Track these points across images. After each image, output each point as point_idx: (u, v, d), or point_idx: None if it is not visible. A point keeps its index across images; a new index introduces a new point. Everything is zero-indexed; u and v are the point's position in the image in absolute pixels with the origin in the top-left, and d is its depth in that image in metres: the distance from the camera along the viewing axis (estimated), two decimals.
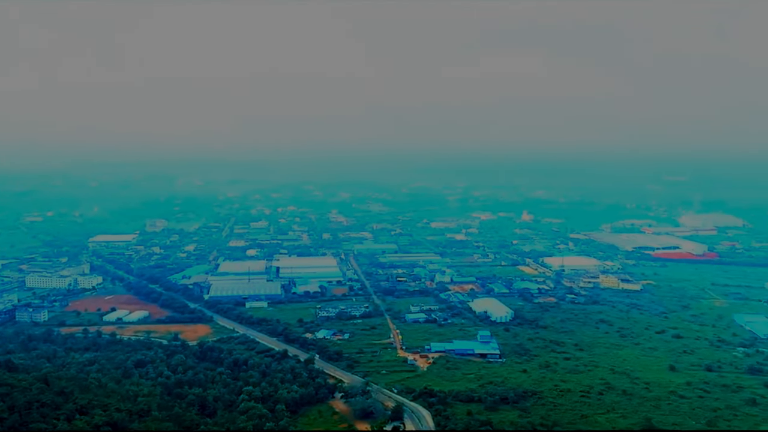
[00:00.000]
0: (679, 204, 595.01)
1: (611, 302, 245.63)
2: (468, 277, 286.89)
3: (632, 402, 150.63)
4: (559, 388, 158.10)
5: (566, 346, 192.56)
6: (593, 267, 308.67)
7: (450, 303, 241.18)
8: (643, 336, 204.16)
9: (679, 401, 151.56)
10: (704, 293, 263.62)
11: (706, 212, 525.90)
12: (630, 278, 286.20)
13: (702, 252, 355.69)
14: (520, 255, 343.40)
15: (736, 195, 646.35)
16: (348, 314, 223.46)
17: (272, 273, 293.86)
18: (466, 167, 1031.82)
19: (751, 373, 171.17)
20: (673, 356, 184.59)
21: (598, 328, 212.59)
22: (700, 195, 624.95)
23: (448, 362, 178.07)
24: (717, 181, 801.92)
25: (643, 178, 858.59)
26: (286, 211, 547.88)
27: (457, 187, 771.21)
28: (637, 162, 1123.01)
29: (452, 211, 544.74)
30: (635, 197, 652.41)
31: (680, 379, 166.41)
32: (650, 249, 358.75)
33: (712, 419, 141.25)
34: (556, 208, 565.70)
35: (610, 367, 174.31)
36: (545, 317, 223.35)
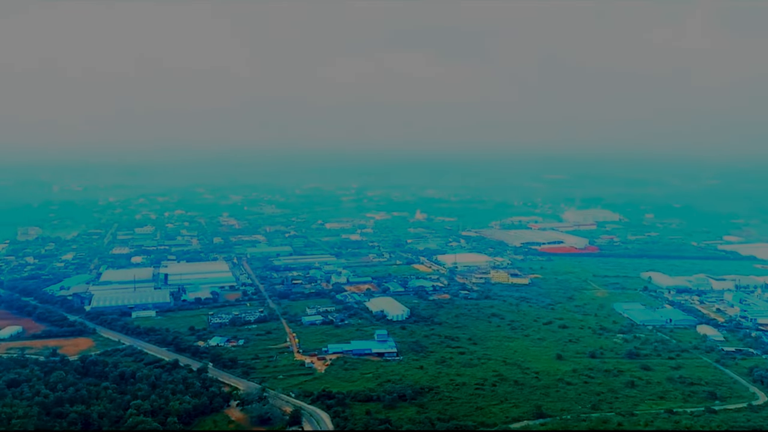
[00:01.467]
0: (562, 201, 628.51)
1: (502, 296, 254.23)
2: (364, 277, 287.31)
3: (524, 391, 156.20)
4: (455, 382, 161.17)
5: (461, 340, 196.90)
6: (484, 263, 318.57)
7: (347, 304, 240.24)
8: (532, 327, 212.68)
9: (567, 388, 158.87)
10: (587, 284, 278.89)
11: (587, 208, 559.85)
12: (519, 273, 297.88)
13: (584, 246, 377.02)
14: (414, 253, 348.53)
15: (612, 192, 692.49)
16: (242, 320, 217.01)
17: (160, 280, 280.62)
18: (359, 167, 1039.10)
19: (629, 357, 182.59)
20: (560, 345, 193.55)
21: (490, 321, 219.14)
22: (581, 192, 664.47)
23: (346, 363, 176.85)
24: (594, 179, 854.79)
25: (526, 177, 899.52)
26: (173, 215, 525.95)
27: (351, 187, 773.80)
28: (521, 162, 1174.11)
29: (347, 212, 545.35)
30: (521, 195, 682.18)
31: (567, 366, 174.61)
32: (537, 244, 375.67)
33: (597, 402, 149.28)
34: (448, 207, 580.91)
35: (503, 359, 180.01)
36: (440, 314, 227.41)
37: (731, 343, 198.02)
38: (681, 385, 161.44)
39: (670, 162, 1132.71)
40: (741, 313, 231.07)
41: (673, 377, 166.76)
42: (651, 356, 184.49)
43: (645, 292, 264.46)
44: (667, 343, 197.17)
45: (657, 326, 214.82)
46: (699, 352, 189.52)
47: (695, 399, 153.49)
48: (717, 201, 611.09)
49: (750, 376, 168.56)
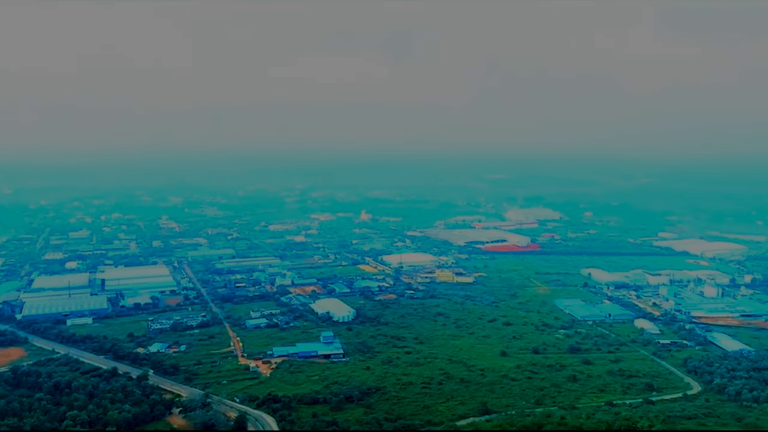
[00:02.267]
0: (504, 200, 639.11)
1: (447, 295, 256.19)
2: (309, 278, 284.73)
3: (469, 389, 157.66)
4: (402, 382, 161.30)
5: (407, 340, 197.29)
6: (430, 262, 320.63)
7: (292, 306, 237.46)
8: (477, 325, 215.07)
9: (511, 384, 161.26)
10: (529, 282, 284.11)
11: (529, 207, 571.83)
12: (463, 271, 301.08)
13: (526, 244, 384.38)
14: (360, 254, 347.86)
15: (553, 191, 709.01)
16: (184, 325, 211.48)
17: (97, 286, 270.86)
18: (303, 168, 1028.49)
19: (571, 352, 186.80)
20: (504, 342, 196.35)
21: (436, 320, 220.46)
22: (523, 191, 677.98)
23: (291, 366, 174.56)
24: (536, 179, 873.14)
25: (469, 177, 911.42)
26: (110, 218, 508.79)
27: (295, 188, 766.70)
28: (464, 162, 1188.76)
29: (291, 213, 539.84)
30: (465, 195, 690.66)
31: (511, 363, 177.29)
32: (481, 243, 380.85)
33: (540, 397, 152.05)
34: (393, 207, 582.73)
35: (448, 357, 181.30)
36: (386, 314, 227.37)
37: (667, 335, 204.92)
38: (620, 378, 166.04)
39: (608, 162, 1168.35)
40: (675, 307, 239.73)
41: (613, 370, 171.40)
42: (591, 350, 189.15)
43: (585, 288, 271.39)
44: (606, 337, 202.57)
45: (597, 321, 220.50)
46: (637, 345, 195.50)
47: (634, 391, 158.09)
48: (652, 199, 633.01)
49: (684, 367, 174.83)
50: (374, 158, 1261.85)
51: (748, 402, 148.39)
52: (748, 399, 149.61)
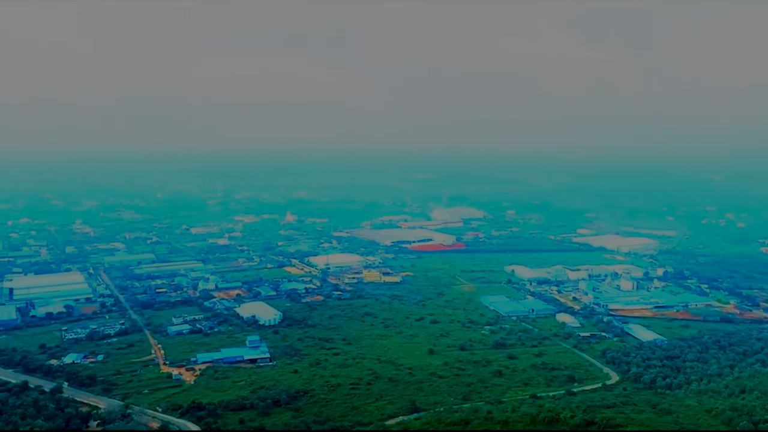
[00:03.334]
0: (430, 200, 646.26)
1: (375, 295, 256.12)
2: (234, 282, 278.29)
3: (398, 388, 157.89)
4: (330, 384, 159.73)
5: (335, 341, 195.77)
6: (357, 263, 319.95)
7: (216, 310, 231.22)
8: (405, 324, 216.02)
9: (439, 381, 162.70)
10: (455, 280, 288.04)
11: (453, 206, 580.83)
12: (390, 271, 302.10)
13: (451, 242, 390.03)
14: (286, 256, 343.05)
15: (476, 190, 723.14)
16: (101, 333, 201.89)
17: (4, 296, 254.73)
18: (226, 169, 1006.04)
19: (496, 348, 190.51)
20: (431, 340, 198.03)
21: (364, 321, 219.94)
22: (448, 191, 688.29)
23: (216, 372, 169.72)
24: (460, 178, 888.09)
25: (395, 177, 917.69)
26: (18, 224, 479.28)
27: (218, 190, 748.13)
28: (389, 162, 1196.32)
29: (214, 216, 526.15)
30: (391, 195, 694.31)
31: (439, 360, 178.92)
32: (407, 242, 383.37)
33: (468, 393, 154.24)
34: (319, 208, 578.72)
35: (377, 357, 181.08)
36: (314, 316, 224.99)
37: (586, 328, 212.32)
38: (543, 371, 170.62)
39: (530, 162, 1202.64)
40: (594, 301, 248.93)
41: (537, 364, 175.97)
42: (516, 345, 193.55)
43: (509, 285, 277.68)
44: (530, 332, 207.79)
45: (521, 317, 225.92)
46: (559, 338, 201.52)
47: (556, 383, 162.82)
48: (571, 197, 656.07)
49: (603, 358, 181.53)
50: (298, 158, 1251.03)
51: (662, 389, 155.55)
52: (662, 386, 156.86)
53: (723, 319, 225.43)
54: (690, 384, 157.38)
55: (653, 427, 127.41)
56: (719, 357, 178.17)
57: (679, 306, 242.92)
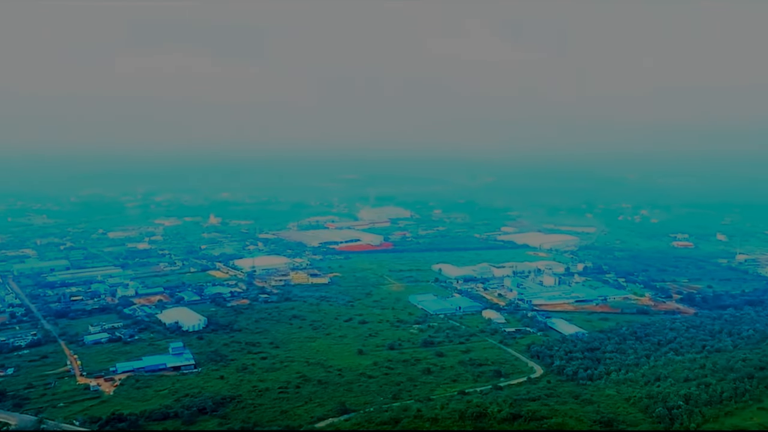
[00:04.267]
0: (357, 200, 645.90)
1: (302, 297, 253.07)
2: (155, 288, 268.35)
3: (328, 389, 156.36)
4: (258, 389, 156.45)
5: (262, 345, 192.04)
6: (284, 265, 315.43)
7: (136, 317, 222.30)
8: (334, 326, 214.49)
9: (369, 381, 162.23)
10: (383, 280, 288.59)
11: (380, 206, 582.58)
12: (318, 272, 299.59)
13: (379, 242, 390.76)
14: (209, 260, 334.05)
15: (403, 190, 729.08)
16: (10, 346, 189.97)
17: None
18: (145, 171, 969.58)
19: (425, 346, 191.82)
20: (360, 341, 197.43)
21: (291, 323, 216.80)
22: (375, 191, 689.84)
23: (138, 381, 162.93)
24: (387, 179, 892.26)
25: (321, 178, 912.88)
26: None
27: (137, 192, 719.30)
28: (315, 162, 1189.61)
29: (132, 219, 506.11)
30: (318, 195, 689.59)
31: (368, 360, 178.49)
32: (335, 243, 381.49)
33: (397, 392, 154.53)
34: (244, 210, 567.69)
35: (306, 360, 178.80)
36: (240, 320, 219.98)
37: (512, 324, 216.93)
38: (471, 367, 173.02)
39: (454, 162, 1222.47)
40: (519, 297, 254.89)
41: (464, 360, 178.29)
42: (444, 343, 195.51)
43: (436, 283, 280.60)
44: (457, 329, 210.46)
45: (448, 314, 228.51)
46: (485, 335, 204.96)
47: (484, 378, 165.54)
48: (495, 196, 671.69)
49: (528, 352, 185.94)
50: (221, 159, 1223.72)
51: (584, 380, 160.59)
52: (584, 377, 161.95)
53: (639, 311, 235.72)
54: (610, 374, 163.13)
55: (576, 417, 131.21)
56: (636, 347, 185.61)
57: (598, 300, 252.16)
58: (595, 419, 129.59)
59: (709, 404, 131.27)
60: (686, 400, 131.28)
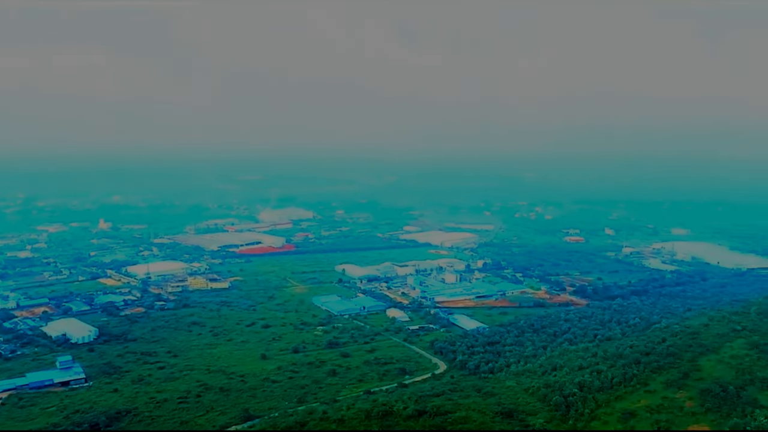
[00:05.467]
0: (258, 201, 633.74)
1: (202, 303, 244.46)
2: (39, 298, 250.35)
3: (230, 397, 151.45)
4: (156, 400, 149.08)
5: (159, 355, 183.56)
6: (181, 270, 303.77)
7: (18, 331, 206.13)
8: (235, 331, 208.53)
9: (273, 386, 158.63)
10: (286, 282, 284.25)
11: (282, 207, 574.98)
12: (218, 277, 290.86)
13: (281, 244, 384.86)
14: (100, 267, 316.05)
15: (305, 191, 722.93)
16: None
17: None
18: (25, 174, 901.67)
19: (330, 347, 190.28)
20: (263, 345, 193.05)
21: (191, 330, 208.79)
22: (276, 192, 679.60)
23: (21, 400, 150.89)
24: (288, 179, 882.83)
25: (220, 179, 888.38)
26: None
27: (17, 197, 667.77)
28: (214, 164, 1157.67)
29: (12, 226, 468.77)
30: (216, 197, 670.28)
31: (272, 365, 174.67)
32: (235, 246, 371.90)
33: (302, 396, 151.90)
34: (137, 214, 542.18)
35: (206, 368, 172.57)
36: (134, 329, 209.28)
37: (415, 321, 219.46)
38: (376, 366, 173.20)
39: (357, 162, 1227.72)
40: (422, 295, 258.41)
41: (370, 360, 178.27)
42: (349, 343, 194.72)
43: (340, 284, 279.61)
44: (362, 329, 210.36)
45: (353, 315, 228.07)
46: (390, 333, 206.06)
47: (389, 377, 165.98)
48: (397, 196, 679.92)
49: (432, 349, 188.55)
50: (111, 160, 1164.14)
51: (485, 373, 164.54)
52: (485, 371, 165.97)
53: (536, 304, 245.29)
54: (509, 366, 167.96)
55: (479, 410, 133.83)
56: (534, 339, 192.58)
57: (497, 295, 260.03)
58: (497, 411, 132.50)
59: (602, 390, 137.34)
60: (580, 388, 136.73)
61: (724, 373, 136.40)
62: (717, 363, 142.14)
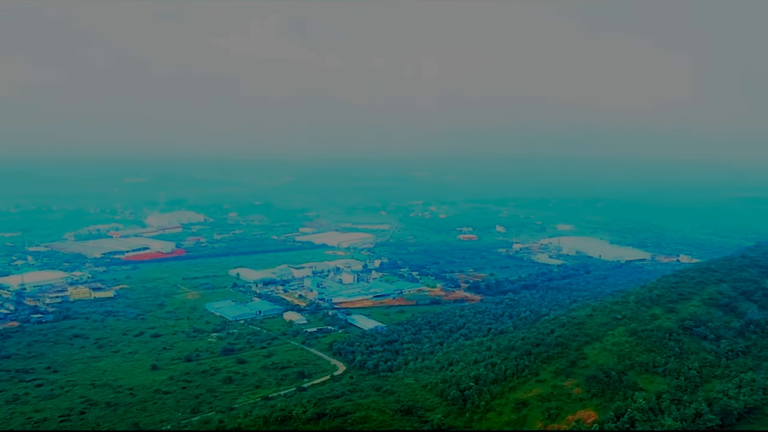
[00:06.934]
0: (144, 205, 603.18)
1: (84, 314, 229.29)
2: None
3: (118, 412, 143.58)
4: (34, 420, 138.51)
5: (37, 371, 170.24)
6: (60, 280, 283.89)
7: None
8: (122, 342, 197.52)
9: (165, 397, 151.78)
10: (177, 288, 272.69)
11: (171, 211, 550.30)
12: (102, 286, 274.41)
13: (171, 249, 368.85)
14: None
15: (196, 193, 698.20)
16: None
17: None
18: None
19: (225, 354, 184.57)
20: (154, 355, 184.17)
21: (72, 344, 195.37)
22: (164, 194, 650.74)
23: None
24: (178, 181, 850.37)
25: (101, 182, 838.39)
26: None
27: None
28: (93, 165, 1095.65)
29: None
30: (98, 202, 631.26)
31: (163, 376, 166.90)
32: (120, 253, 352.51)
33: (196, 405, 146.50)
34: (9, 220, 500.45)
35: (91, 382, 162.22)
36: (8, 345, 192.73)
37: (313, 324, 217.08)
38: (274, 371, 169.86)
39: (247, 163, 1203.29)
40: (319, 296, 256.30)
41: (267, 365, 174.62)
42: (245, 349, 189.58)
43: (235, 289, 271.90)
44: (258, 334, 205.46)
45: (248, 320, 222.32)
46: (287, 337, 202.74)
47: (287, 381, 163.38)
48: (293, 197, 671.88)
49: (330, 351, 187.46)
50: None
51: (385, 372, 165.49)
52: (384, 369, 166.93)
53: (432, 301, 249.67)
54: (408, 364, 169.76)
55: (378, 409, 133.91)
56: (431, 336, 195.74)
57: (395, 293, 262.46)
58: (396, 408, 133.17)
59: (496, 382, 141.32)
60: (476, 381, 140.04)
61: (607, 360, 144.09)
62: (601, 351, 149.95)
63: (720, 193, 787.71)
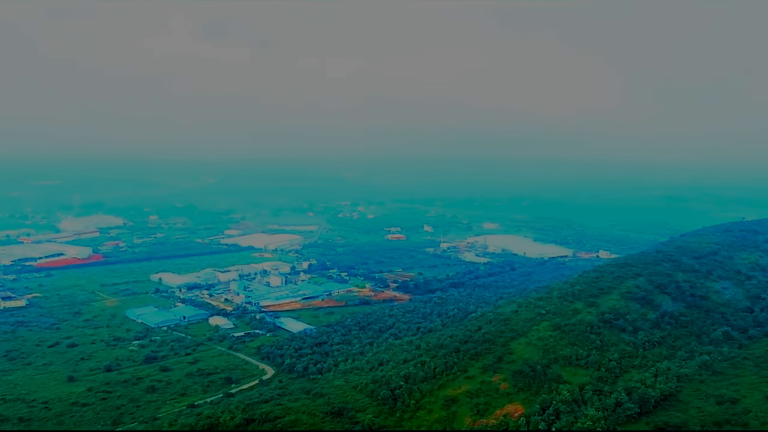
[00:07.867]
0: (57, 209, 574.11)
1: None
2: None
3: (32, 427, 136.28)
4: None
5: None
6: None
7: None
8: (35, 353, 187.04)
9: (83, 410, 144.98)
10: (95, 296, 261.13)
11: (87, 215, 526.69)
12: (12, 294, 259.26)
13: (87, 255, 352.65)
14: None
15: (114, 196, 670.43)
16: None
17: None
18: None
19: (147, 362, 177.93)
20: (70, 366, 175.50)
21: None
22: (80, 197, 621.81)
23: None
24: (92, 182, 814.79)
25: (8, 185, 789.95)
26: None
27: None
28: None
29: None
30: (6, 206, 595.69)
31: (81, 387, 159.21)
32: (32, 259, 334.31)
33: (118, 417, 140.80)
34: None
35: (1, 397, 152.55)
36: None
37: (240, 328, 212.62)
38: (200, 378, 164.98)
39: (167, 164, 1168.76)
40: (246, 300, 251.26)
41: (192, 372, 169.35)
42: (169, 357, 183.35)
43: (157, 294, 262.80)
44: (183, 340, 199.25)
45: (172, 326, 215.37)
46: (213, 342, 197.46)
47: (214, 387, 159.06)
48: (217, 198, 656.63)
49: (258, 355, 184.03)
50: None
51: (314, 374, 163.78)
52: (314, 372, 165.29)
53: (361, 302, 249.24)
54: (338, 365, 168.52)
55: (308, 412, 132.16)
56: (361, 337, 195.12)
57: (324, 295, 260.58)
58: (327, 411, 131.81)
59: (426, 380, 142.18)
60: (406, 380, 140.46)
61: (532, 354, 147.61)
62: (526, 345, 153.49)
63: (636, 192, 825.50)
